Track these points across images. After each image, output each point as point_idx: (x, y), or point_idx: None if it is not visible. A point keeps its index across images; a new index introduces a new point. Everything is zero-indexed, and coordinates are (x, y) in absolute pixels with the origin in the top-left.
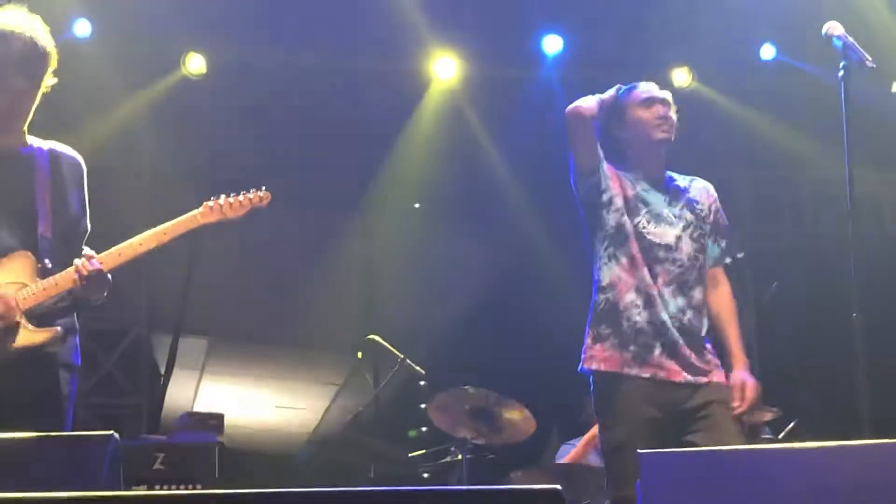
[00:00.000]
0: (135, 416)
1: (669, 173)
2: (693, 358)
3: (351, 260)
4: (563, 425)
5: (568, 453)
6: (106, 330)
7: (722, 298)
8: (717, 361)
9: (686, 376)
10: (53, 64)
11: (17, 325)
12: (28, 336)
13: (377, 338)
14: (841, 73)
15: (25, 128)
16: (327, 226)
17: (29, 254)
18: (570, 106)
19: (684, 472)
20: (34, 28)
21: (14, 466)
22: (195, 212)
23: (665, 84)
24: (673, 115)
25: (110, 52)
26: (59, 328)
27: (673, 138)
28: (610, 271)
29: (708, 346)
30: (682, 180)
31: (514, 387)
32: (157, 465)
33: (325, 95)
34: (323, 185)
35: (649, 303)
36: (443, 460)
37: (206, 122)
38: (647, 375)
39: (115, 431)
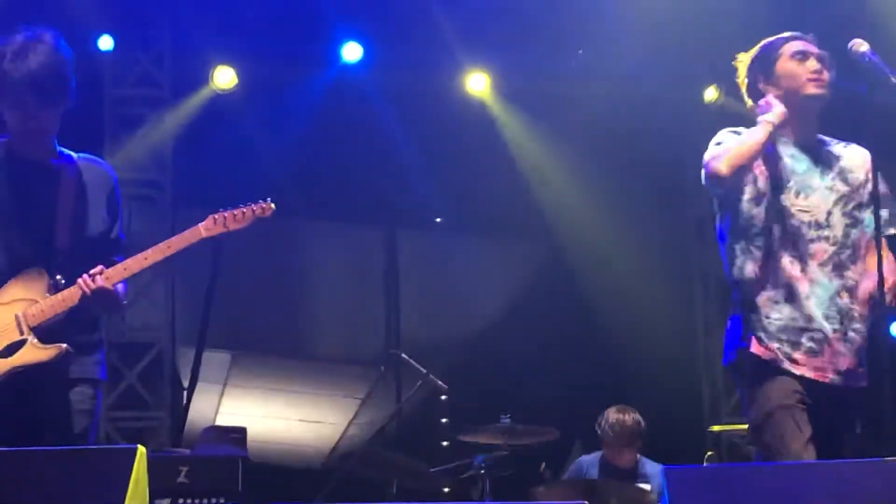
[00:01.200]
0: (158, 429)
1: (822, 137)
2: (842, 356)
3: (374, 274)
4: (586, 440)
5: (581, 467)
6: (129, 344)
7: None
8: (863, 361)
9: (832, 376)
10: (72, 79)
11: (25, 341)
12: (34, 353)
13: (400, 352)
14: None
15: (54, 140)
16: (351, 239)
17: (42, 270)
18: (742, 146)
19: (712, 487)
20: (50, 44)
21: (39, 480)
22: (199, 225)
23: None
24: (827, 73)
25: (137, 65)
26: (65, 345)
27: (828, 95)
28: (744, 265)
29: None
30: (836, 146)
31: (538, 401)
32: (181, 479)
33: (350, 109)
34: (347, 199)
35: (791, 296)
36: (465, 475)
37: (232, 135)
38: (797, 373)
39: (139, 445)
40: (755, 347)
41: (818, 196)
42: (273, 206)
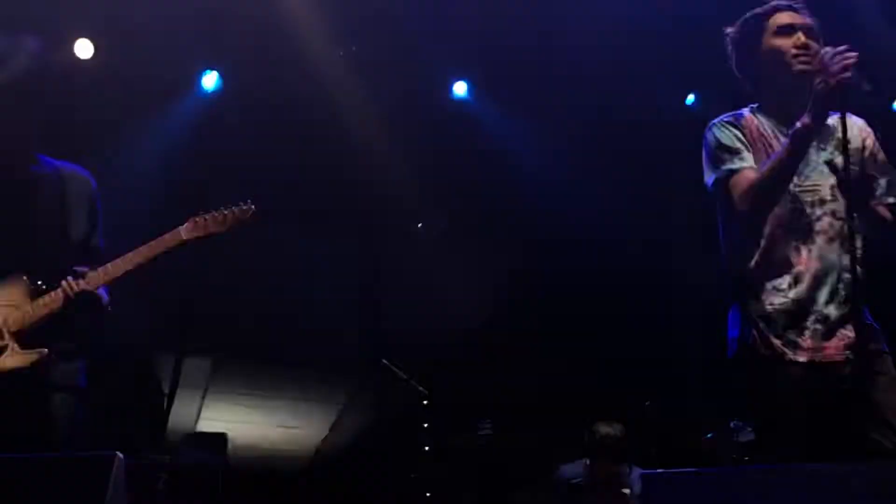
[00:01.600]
0: (138, 436)
1: None
2: (849, 334)
3: (355, 279)
4: (567, 444)
5: (564, 476)
6: (109, 350)
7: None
8: (878, 327)
9: (843, 354)
10: (48, 88)
11: (6, 347)
12: (15, 359)
13: (381, 358)
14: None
15: (34, 149)
16: (332, 244)
17: (23, 276)
18: (778, 179)
19: (691, 491)
20: (29, 49)
21: (18, 487)
22: (180, 228)
23: None
24: (816, 43)
25: (115, 71)
26: (45, 350)
27: (814, 69)
28: (747, 253)
29: (868, 316)
30: (830, 118)
31: (519, 405)
32: (161, 486)
33: (331, 113)
34: (328, 203)
35: (796, 281)
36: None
37: (215, 139)
38: (803, 360)
39: (119, 452)
40: (756, 341)
41: (818, 173)
42: (254, 208)
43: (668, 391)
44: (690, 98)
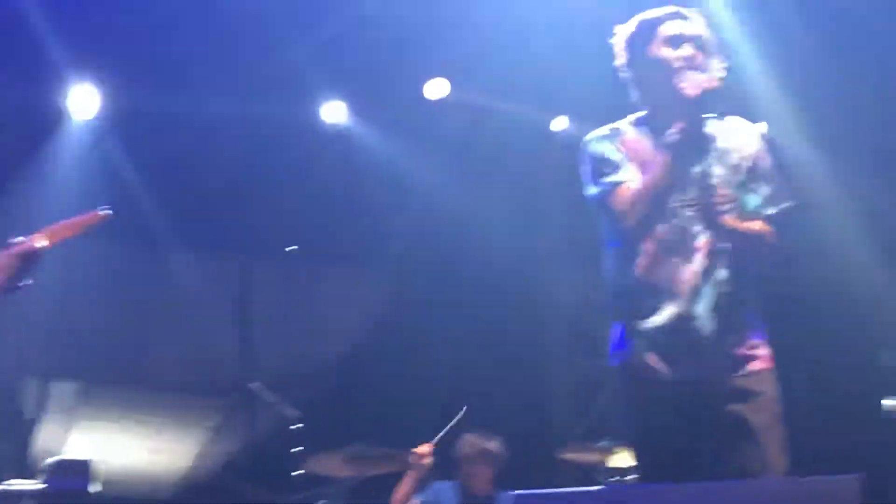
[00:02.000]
0: (2, 462)
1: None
2: (732, 346)
3: (229, 303)
4: (440, 467)
5: (438, 493)
6: None
7: None
8: (761, 341)
9: (716, 372)
10: None
11: None
12: None
13: (253, 382)
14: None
15: None
16: (204, 268)
17: None
18: (648, 193)
19: None
20: None
21: None
22: (33, 235)
23: None
24: (707, 55)
25: None
26: None
27: (704, 83)
28: (628, 270)
29: (753, 326)
30: (714, 124)
31: (392, 428)
32: None
33: (206, 138)
34: (201, 228)
35: (674, 298)
36: None
37: (88, 160)
38: (680, 377)
39: None
40: (632, 358)
41: (698, 186)
42: (106, 213)
43: (540, 408)
44: (561, 120)
